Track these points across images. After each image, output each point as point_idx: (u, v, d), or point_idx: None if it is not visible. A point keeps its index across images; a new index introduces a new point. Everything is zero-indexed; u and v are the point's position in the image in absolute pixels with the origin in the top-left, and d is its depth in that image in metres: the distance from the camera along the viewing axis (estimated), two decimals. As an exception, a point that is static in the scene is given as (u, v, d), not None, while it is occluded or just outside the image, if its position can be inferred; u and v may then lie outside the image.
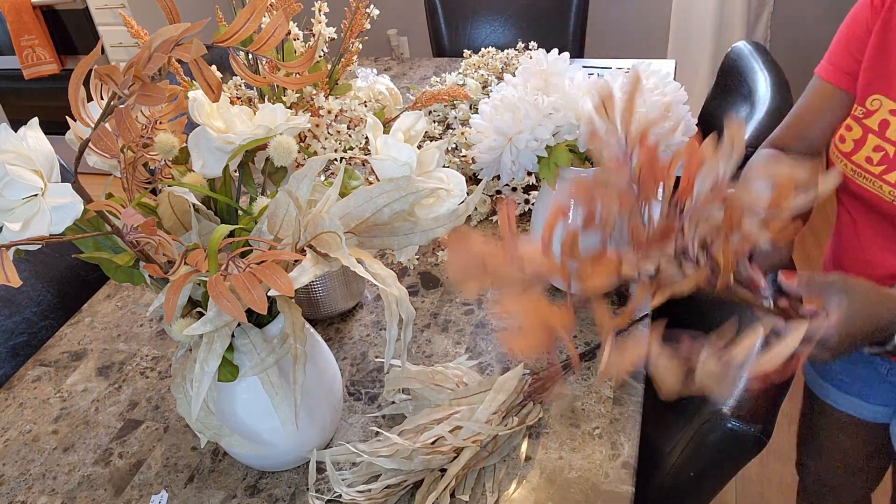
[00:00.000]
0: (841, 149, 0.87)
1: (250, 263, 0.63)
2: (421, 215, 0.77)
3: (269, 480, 0.89)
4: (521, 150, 0.97)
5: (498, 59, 1.63)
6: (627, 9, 3.06)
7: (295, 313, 0.73)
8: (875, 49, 0.86)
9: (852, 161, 0.86)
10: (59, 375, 1.10)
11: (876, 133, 0.83)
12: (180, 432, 0.97)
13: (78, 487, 0.91)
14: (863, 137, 0.84)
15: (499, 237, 0.65)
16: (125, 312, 1.22)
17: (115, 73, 0.58)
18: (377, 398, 0.99)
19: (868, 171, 0.84)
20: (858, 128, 0.85)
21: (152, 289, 0.77)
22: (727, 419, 0.75)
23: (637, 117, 0.62)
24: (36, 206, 0.62)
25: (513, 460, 0.87)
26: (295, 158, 0.77)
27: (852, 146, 0.85)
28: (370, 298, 1.18)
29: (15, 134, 0.64)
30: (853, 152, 0.85)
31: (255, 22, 0.64)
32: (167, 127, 0.77)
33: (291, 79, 0.75)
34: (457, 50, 2.35)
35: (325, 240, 0.69)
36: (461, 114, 1.47)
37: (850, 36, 0.90)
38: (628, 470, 0.84)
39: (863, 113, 0.85)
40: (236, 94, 1.04)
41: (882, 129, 0.83)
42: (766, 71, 1.41)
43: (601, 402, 0.94)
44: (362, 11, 1.03)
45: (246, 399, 0.81)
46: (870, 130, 0.84)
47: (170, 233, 0.74)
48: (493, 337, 1.07)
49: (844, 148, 0.87)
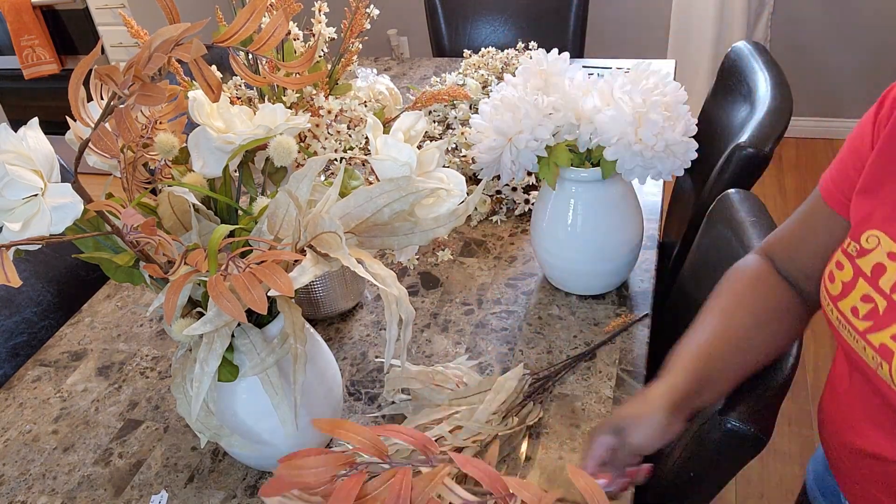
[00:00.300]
0: (829, 290, 0.70)
1: (250, 263, 0.63)
2: (421, 215, 0.77)
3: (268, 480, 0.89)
4: (521, 150, 0.97)
5: (498, 59, 1.63)
6: (627, 9, 3.06)
7: (295, 313, 0.73)
8: (876, 173, 0.67)
9: (838, 308, 0.69)
10: (59, 375, 1.10)
11: (868, 279, 0.66)
12: (180, 432, 0.97)
13: (78, 487, 0.91)
14: (853, 281, 0.67)
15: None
16: (125, 312, 1.22)
17: (115, 73, 0.58)
18: (377, 398, 0.99)
19: (852, 325, 0.67)
20: (850, 268, 0.68)
21: (152, 289, 0.77)
22: (727, 419, 0.75)
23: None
24: (36, 206, 0.62)
25: (513, 460, 0.87)
26: (295, 158, 0.77)
27: (840, 289, 0.68)
28: (370, 298, 1.18)
29: (15, 134, 0.64)
30: (840, 296, 0.68)
31: (255, 22, 0.64)
32: (167, 127, 0.77)
33: (291, 79, 0.75)
34: (457, 50, 2.35)
35: (325, 240, 0.69)
36: (461, 114, 1.47)
37: (852, 151, 0.72)
38: (628, 470, 0.84)
39: (856, 251, 0.67)
40: (236, 94, 1.04)
41: (875, 276, 0.65)
42: (766, 71, 1.41)
43: (601, 402, 0.94)
44: (362, 11, 1.03)
45: (246, 399, 0.81)
46: (861, 273, 0.66)
47: (170, 233, 0.74)
48: (493, 337, 1.07)
49: (833, 290, 0.70)
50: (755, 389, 0.77)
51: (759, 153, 1.15)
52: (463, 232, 1.31)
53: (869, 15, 2.76)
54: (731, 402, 0.77)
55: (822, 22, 2.84)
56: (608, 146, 0.94)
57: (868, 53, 2.83)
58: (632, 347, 1.01)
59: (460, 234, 1.30)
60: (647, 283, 1.13)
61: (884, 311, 0.64)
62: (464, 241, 1.28)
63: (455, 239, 1.29)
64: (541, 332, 1.06)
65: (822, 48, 2.89)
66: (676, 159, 0.96)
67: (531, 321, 1.09)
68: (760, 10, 2.82)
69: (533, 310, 1.11)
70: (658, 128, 0.91)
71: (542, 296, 1.14)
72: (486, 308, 1.12)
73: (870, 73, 2.87)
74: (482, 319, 1.10)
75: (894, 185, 0.65)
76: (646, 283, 1.13)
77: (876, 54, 2.82)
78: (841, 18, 2.80)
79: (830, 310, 0.70)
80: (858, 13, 2.77)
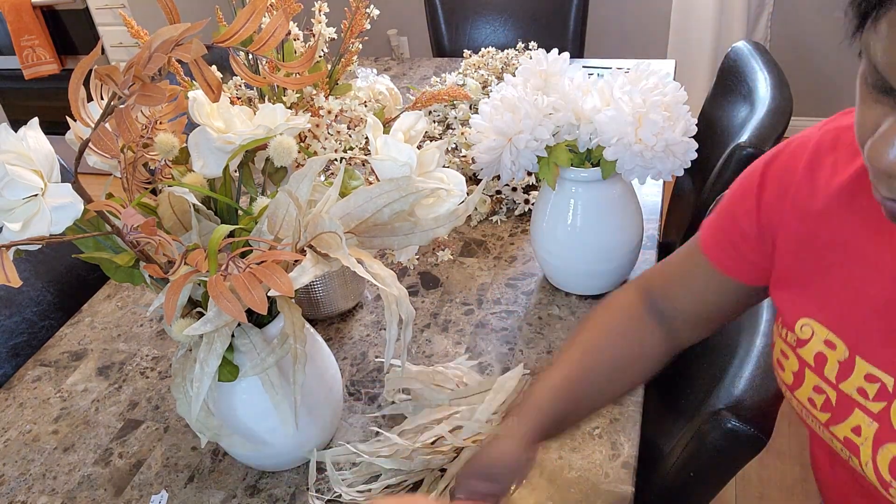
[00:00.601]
0: (784, 379, 0.68)
1: (250, 263, 0.63)
2: (421, 215, 0.77)
3: (269, 480, 0.89)
4: (521, 150, 0.97)
5: (498, 59, 1.63)
6: (627, 9, 3.06)
7: (295, 313, 0.73)
8: (795, 270, 0.65)
9: (796, 398, 0.66)
10: (59, 375, 1.10)
11: (813, 370, 0.63)
12: (180, 432, 0.98)
13: (78, 487, 0.91)
14: (800, 371, 0.65)
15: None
16: (125, 312, 1.22)
17: (115, 73, 0.58)
18: (377, 398, 0.99)
19: (813, 416, 0.65)
20: (794, 358, 0.65)
21: (152, 289, 0.77)
22: (727, 419, 0.75)
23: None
24: (36, 206, 0.62)
25: (513, 460, 0.87)
26: (295, 158, 0.77)
27: (792, 379, 0.66)
28: (370, 298, 1.18)
29: (15, 134, 0.64)
30: (794, 387, 0.66)
31: (255, 22, 0.64)
32: (167, 127, 0.77)
33: (291, 79, 0.75)
34: (457, 50, 2.35)
35: (325, 240, 0.69)
36: (461, 114, 1.47)
37: (731, 218, 0.70)
38: (628, 470, 0.84)
39: (795, 341, 0.65)
40: (236, 94, 1.04)
41: (819, 366, 0.62)
42: (766, 71, 1.41)
43: (601, 402, 0.94)
44: (362, 11, 1.03)
45: (246, 399, 0.81)
46: (806, 364, 0.64)
47: (170, 233, 0.74)
48: (493, 337, 1.07)
49: (786, 379, 0.67)
50: (755, 389, 0.77)
51: (759, 153, 1.15)
52: (463, 232, 1.31)
53: (869, 15, 2.76)
54: (732, 403, 0.77)
55: (822, 22, 2.84)
56: (608, 146, 0.94)
57: (868, 53, 2.83)
58: (632, 347, 1.01)
59: (460, 234, 1.30)
60: (647, 283, 1.13)
61: (836, 402, 0.61)
62: (464, 241, 1.28)
63: (455, 239, 1.29)
64: (541, 332, 1.06)
65: (822, 48, 2.89)
66: (676, 159, 0.96)
67: (531, 321, 1.09)
68: (760, 10, 2.82)
69: (533, 310, 1.11)
70: (658, 128, 0.91)
71: (542, 296, 1.14)
72: (486, 308, 1.12)
73: (870, 73, 2.87)
74: (482, 319, 1.10)
75: (821, 284, 0.63)
76: (646, 283, 1.13)
77: (876, 54, 2.82)
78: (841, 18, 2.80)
79: (790, 398, 0.68)
80: (858, 13, 2.77)
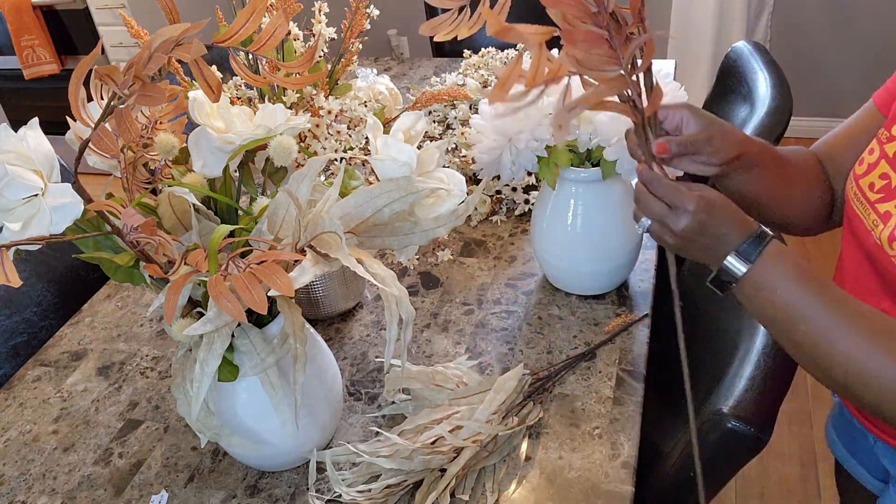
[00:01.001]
0: (856, 170, 0.81)
1: (250, 263, 0.63)
2: (421, 215, 0.77)
3: (269, 480, 0.89)
4: (521, 150, 0.97)
5: (498, 59, 1.63)
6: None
7: (295, 313, 0.73)
8: None
9: (858, 184, 0.79)
10: (59, 375, 1.10)
11: (889, 160, 0.76)
12: (180, 432, 0.98)
13: (78, 487, 0.91)
14: (877, 161, 0.78)
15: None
16: (125, 312, 1.22)
17: (115, 73, 0.58)
18: (377, 398, 0.99)
19: (865, 197, 0.78)
20: (878, 151, 0.78)
21: (152, 289, 0.77)
22: (727, 419, 0.75)
23: None
24: (36, 206, 0.63)
25: (513, 460, 0.87)
26: (295, 158, 0.77)
27: (865, 169, 0.79)
28: (370, 298, 1.18)
29: (15, 134, 0.64)
30: (864, 174, 0.79)
31: (255, 22, 0.64)
32: (167, 127, 0.77)
33: (291, 79, 0.75)
34: (457, 50, 2.35)
35: (325, 240, 0.69)
36: (461, 114, 1.47)
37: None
38: (628, 470, 0.84)
39: (886, 137, 0.78)
40: (236, 94, 1.04)
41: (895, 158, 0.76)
42: (766, 71, 1.41)
43: (601, 402, 0.94)
44: (362, 11, 1.04)
45: (246, 399, 0.81)
46: (885, 156, 0.77)
47: (170, 233, 0.74)
48: (493, 337, 1.07)
49: (858, 170, 0.80)
50: (755, 389, 0.77)
51: (759, 153, 1.15)
52: (463, 232, 1.31)
53: (869, 15, 2.76)
54: (731, 403, 0.77)
55: (822, 22, 2.84)
56: (608, 146, 0.94)
57: (868, 53, 2.83)
58: (632, 347, 1.01)
59: (460, 234, 1.30)
60: (647, 283, 1.13)
61: (895, 186, 0.76)
62: (464, 241, 1.28)
63: (455, 239, 1.29)
64: (541, 332, 1.07)
65: (822, 48, 2.89)
66: (676, 159, 0.95)
67: (531, 321, 1.09)
68: (760, 10, 2.82)
69: (533, 310, 1.11)
70: (658, 128, 0.91)
71: (542, 296, 1.14)
72: (486, 308, 1.12)
73: (870, 72, 2.87)
74: (482, 319, 1.10)
75: None
76: (646, 283, 1.13)
77: (876, 54, 2.82)
78: (841, 18, 2.80)
79: (850, 186, 0.81)
80: (858, 13, 2.77)
